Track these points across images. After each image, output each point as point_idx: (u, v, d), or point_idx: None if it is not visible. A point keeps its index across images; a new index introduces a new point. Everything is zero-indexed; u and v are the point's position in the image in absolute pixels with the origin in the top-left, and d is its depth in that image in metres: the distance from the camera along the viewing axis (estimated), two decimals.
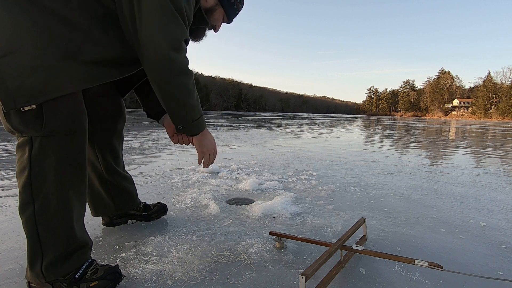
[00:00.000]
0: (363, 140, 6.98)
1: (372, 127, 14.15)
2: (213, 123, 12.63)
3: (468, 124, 26.12)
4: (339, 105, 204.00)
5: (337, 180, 2.59)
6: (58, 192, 0.88)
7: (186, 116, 1.05)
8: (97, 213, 1.40)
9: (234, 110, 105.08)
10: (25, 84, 0.79)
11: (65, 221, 0.91)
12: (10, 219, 1.55)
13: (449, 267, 1.16)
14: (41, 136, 0.84)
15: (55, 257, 0.90)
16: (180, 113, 1.04)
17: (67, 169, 0.89)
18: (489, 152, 5.21)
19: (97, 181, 1.33)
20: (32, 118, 0.83)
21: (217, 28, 1.25)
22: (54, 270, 0.91)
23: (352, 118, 36.04)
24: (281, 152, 4.28)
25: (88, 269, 0.97)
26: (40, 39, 0.80)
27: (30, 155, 0.84)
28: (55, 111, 0.84)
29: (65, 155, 0.88)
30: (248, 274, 1.07)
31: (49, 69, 0.81)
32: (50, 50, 0.81)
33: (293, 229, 1.50)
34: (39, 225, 0.87)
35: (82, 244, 0.97)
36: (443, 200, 2.10)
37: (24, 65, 0.79)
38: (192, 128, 1.11)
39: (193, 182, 2.38)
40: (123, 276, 1.02)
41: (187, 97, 1.00)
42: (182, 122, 1.07)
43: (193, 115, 1.06)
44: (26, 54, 0.79)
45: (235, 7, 1.20)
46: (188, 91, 0.99)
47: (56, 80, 0.82)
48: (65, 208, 0.90)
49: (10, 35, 0.78)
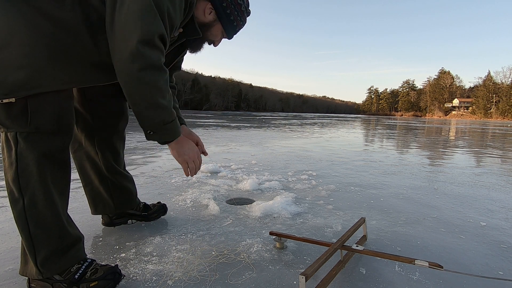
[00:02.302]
0: (363, 140, 6.98)
1: (372, 127, 14.15)
2: (213, 123, 12.63)
3: (468, 124, 26.12)
4: (339, 105, 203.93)
5: (337, 180, 2.59)
6: (43, 188, 0.90)
7: (155, 117, 0.94)
8: (97, 211, 1.41)
9: (234, 110, 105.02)
10: (8, 79, 0.82)
11: (55, 217, 0.92)
12: (10, 219, 1.55)
13: (449, 267, 1.16)
14: (26, 132, 0.86)
15: (49, 252, 0.91)
16: (148, 113, 0.93)
17: (48, 166, 0.91)
18: (489, 152, 5.21)
19: (97, 179, 1.33)
20: (18, 114, 0.85)
21: (216, 43, 1.22)
22: (50, 266, 0.92)
23: (352, 118, 36.05)
24: (281, 152, 4.28)
25: (88, 269, 0.97)
26: (30, 38, 0.83)
27: (16, 151, 0.87)
28: (39, 109, 0.87)
29: (46, 152, 0.89)
30: (248, 274, 1.07)
31: (34, 66, 0.84)
32: (37, 49, 0.83)
33: (293, 229, 1.50)
34: (29, 220, 0.89)
35: (76, 238, 0.98)
36: (443, 200, 2.10)
37: (11, 61, 0.82)
38: (163, 133, 0.98)
39: (193, 182, 2.38)
40: (123, 276, 1.02)
41: (156, 95, 0.91)
42: (151, 126, 0.95)
43: (163, 116, 0.95)
44: (14, 51, 0.82)
45: (235, 25, 1.16)
46: (157, 88, 0.91)
47: (39, 77, 0.85)
48: (53, 204, 0.92)
49: (2, 32, 0.81)
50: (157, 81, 0.91)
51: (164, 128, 0.97)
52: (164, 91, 0.94)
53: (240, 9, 1.14)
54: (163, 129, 0.97)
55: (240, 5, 1.13)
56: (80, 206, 1.77)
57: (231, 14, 1.12)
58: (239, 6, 1.13)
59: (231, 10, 1.12)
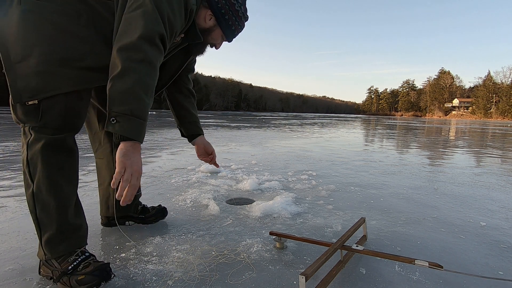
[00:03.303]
0: (363, 140, 6.99)
1: (372, 127, 14.15)
2: (213, 123, 12.63)
3: (468, 124, 26.12)
4: (339, 105, 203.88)
5: (337, 180, 2.59)
6: (47, 176, 0.99)
7: (127, 103, 0.88)
8: (109, 212, 1.45)
9: (234, 110, 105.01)
10: (30, 84, 0.95)
11: (57, 203, 1.00)
12: (10, 219, 1.55)
13: (449, 267, 1.16)
14: (38, 127, 0.98)
15: (50, 235, 1.00)
16: (122, 96, 0.88)
17: (54, 155, 1.00)
18: (489, 152, 5.21)
19: (109, 179, 1.38)
20: (32, 111, 0.98)
21: (218, 46, 1.31)
22: (51, 248, 1.01)
23: (352, 118, 36.05)
24: (281, 152, 4.28)
25: (82, 263, 1.02)
26: (47, 49, 0.95)
27: (28, 142, 0.99)
28: (49, 108, 0.98)
29: (51, 142, 0.99)
30: (248, 274, 1.07)
31: (49, 73, 0.96)
32: (53, 58, 0.96)
33: (293, 229, 1.50)
34: (37, 204, 1.00)
35: (75, 227, 1.05)
36: (443, 200, 2.10)
37: (32, 69, 0.95)
38: (126, 125, 0.88)
39: (193, 182, 2.38)
40: (112, 275, 1.03)
41: (138, 86, 0.89)
42: (118, 110, 0.88)
43: (135, 107, 0.89)
44: (34, 60, 0.94)
45: (233, 29, 1.25)
46: (142, 82, 0.90)
47: (54, 81, 0.96)
48: (56, 191, 1.00)
49: (26, 45, 0.95)
50: (145, 75, 0.91)
51: (129, 119, 0.89)
52: (148, 87, 0.93)
53: (238, 15, 1.22)
54: (128, 119, 0.89)
55: (238, 11, 1.21)
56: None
57: (229, 20, 1.21)
58: (237, 13, 1.22)
59: (229, 16, 1.20)
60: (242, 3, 1.23)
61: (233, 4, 1.19)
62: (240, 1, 1.22)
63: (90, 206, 1.78)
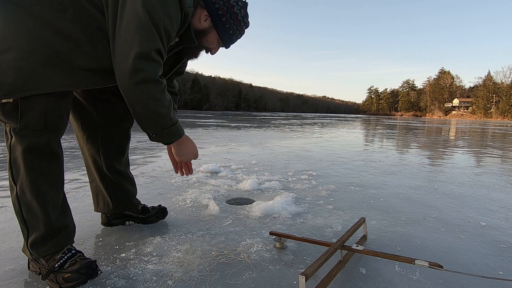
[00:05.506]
0: (363, 140, 6.99)
1: (372, 127, 14.15)
2: (213, 123, 12.64)
3: (468, 124, 26.13)
4: (339, 105, 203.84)
5: (337, 180, 2.59)
6: (29, 179, 0.98)
7: (154, 125, 1.03)
8: (98, 209, 1.44)
9: (234, 110, 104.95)
10: (7, 81, 0.90)
11: (40, 206, 0.99)
12: (10, 219, 1.55)
13: (449, 266, 1.16)
14: (18, 128, 0.95)
15: (36, 236, 1.00)
16: (148, 121, 1.02)
17: (36, 159, 0.98)
18: (489, 152, 5.21)
19: (98, 176, 1.37)
20: (11, 111, 0.94)
21: (213, 51, 1.24)
22: (37, 249, 1.01)
23: (352, 118, 36.04)
24: (281, 152, 4.28)
25: (68, 260, 1.02)
26: (30, 45, 0.90)
27: (9, 144, 0.97)
28: (29, 108, 0.94)
29: (32, 146, 0.96)
30: (248, 274, 1.07)
31: (31, 71, 0.91)
32: (36, 55, 0.90)
33: (293, 229, 1.50)
34: (22, 206, 0.99)
35: (60, 227, 1.04)
36: (443, 199, 2.10)
37: (10, 65, 0.89)
38: (164, 136, 1.08)
39: (193, 182, 2.38)
40: (99, 272, 1.04)
41: (154, 105, 0.98)
42: (152, 130, 1.05)
43: (163, 123, 1.03)
44: (14, 55, 0.89)
45: (231, 33, 1.17)
46: (155, 99, 0.98)
47: (35, 81, 0.92)
48: (39, 193, 0.99)
49: (3, 37, 0.89)
50: (154, 93, 0.98)
51: (164, 133, 1.06)
52: (161, 100, 1.00)
53: (237, 18, 1.15)
54: (163, 133, 1.06)
55: (237, 14, 1.14)
56: (80, 206, 1.77)
57: (227, 22, 1.14)
58: (236, 15, 1.14)
59: (227, 18, 1.13)
60: (243, 7, 1.15)
61: (232, 6, 1.12)
62: (240, 4, 1.14)
63: (90, 206, 1.77)
